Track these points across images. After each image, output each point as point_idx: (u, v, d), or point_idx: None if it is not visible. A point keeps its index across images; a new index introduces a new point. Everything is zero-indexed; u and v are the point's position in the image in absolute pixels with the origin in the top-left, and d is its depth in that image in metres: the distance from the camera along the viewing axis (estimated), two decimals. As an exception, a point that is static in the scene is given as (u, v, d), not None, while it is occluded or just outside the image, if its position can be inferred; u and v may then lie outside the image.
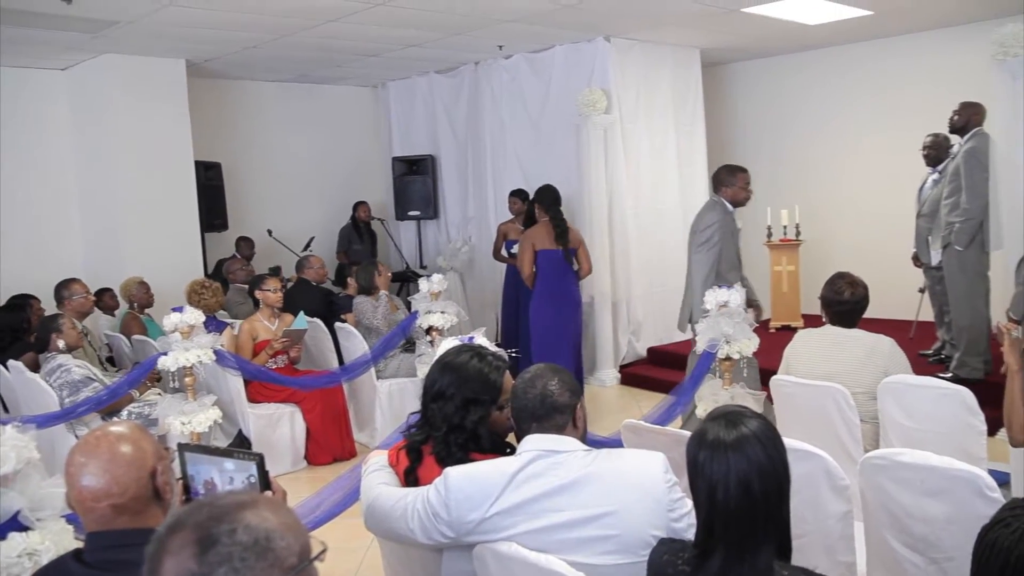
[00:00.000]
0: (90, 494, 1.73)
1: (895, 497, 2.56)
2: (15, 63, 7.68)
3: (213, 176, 8.54)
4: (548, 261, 6.49)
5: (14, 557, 2.11)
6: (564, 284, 6.52)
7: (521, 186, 8.25)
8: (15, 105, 7.83)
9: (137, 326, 6.64)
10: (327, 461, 5.90)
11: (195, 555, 1.18)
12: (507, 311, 8.04)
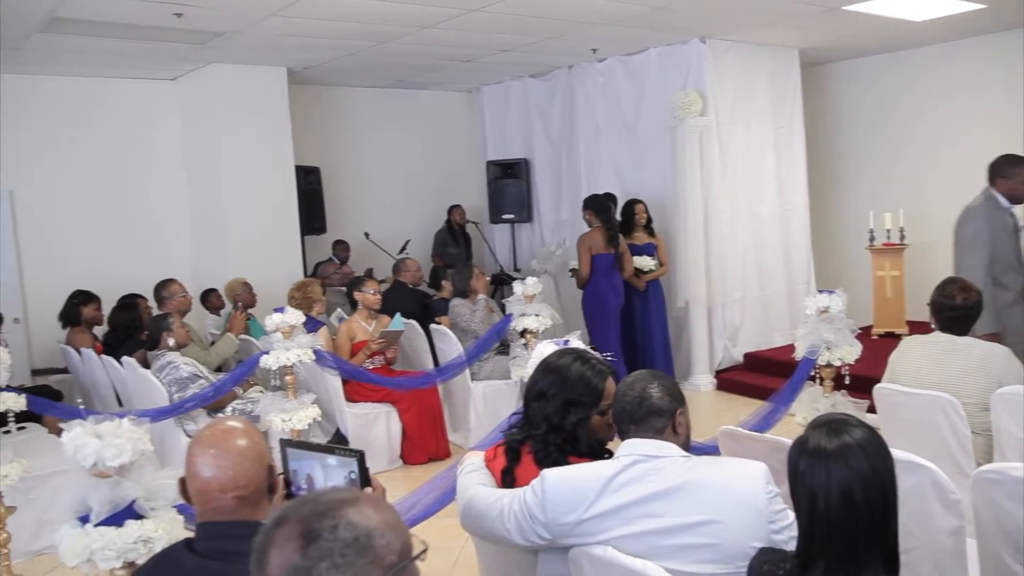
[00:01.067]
0: (217, 485, 1.79)
1: (1011, 514, 2.45)
2: (128, 74, 8.04)
3: (313, 180, 8.75)
4: (601, 264, 7.10)
5: (131, 543, 2.21)
6: (614, 285, 7.12)
7: (615, 189, 8.21)
8: (129, 114, 8.20)
9: (241, 325, 6.85)
10: (422, 461, 5.97)
11: (299, 548, 1.20)
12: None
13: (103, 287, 6.93)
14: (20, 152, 7.66)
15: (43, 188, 7.79)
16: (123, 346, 6.18)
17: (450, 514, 3.24)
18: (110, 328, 6.61)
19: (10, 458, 4.19)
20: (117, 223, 8.09)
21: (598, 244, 7.10)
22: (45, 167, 7.79)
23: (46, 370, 7.43)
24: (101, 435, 2.23)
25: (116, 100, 8.14)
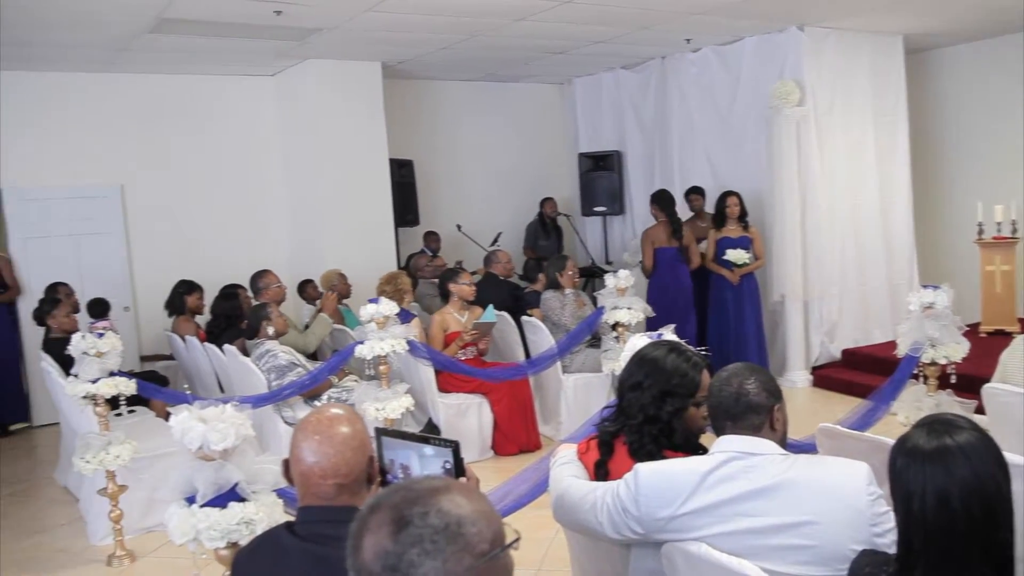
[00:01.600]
0: (319, 471, 1.83)
1: None
2: (229, 72, 8.30)
3: (406, 173, 8.88)
4: (664, 257, 7.49)
5: (233, 524, 2.29)
6: (677, 278, 7.38)
7: (709, 181, 8.09)
8: (230, 110, 8.47)
9: (336, 315, 6.99)
10: (513, 452, 6.00)
11: (391, 534, 1.22)
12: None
13: (205, 277, 7.19)
14: (130, 148, 8.01)
15: (150, 182, 8.12)
16: (224, 334, 6.39)
17: (541, 505, 3.25)
18: (212, 317, 6.84)
19: (122, 439, 4.39)
20: (219, 215, 8.38)
21: (661, 238, 7.50)
22: (152, 162, 8.12)
23: (153, 356, 7.75)
24: (206, 420, 2.31)
25: (218, 97, 8.42)
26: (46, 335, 6.38)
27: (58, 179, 7.74)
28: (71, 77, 7.72)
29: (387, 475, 2.03)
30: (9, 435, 7.54)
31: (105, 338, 4.39)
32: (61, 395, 5.08)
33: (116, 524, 4.51)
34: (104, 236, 7.98)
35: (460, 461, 1.93)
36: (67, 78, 7.71)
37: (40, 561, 4.68)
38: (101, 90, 7.88)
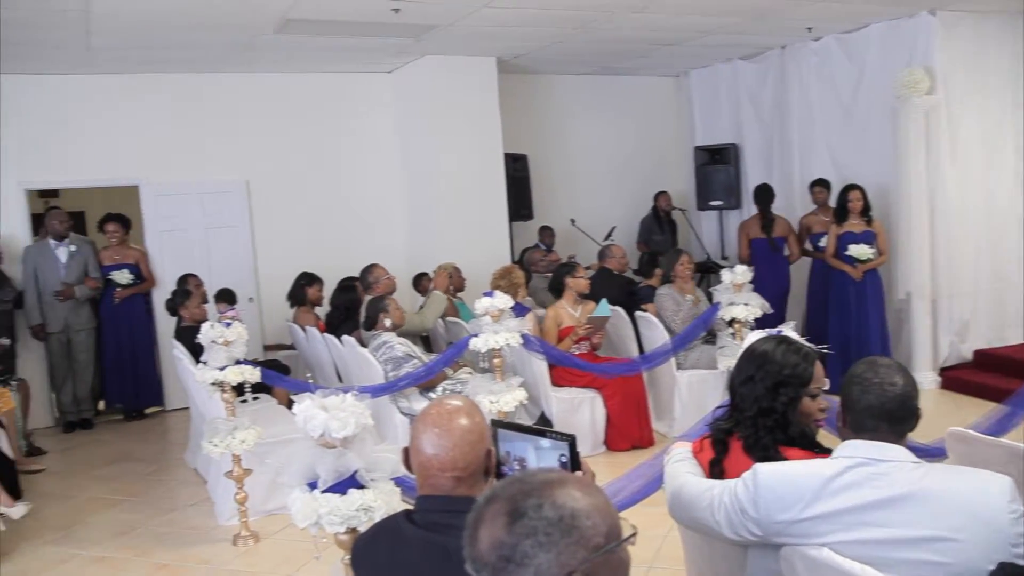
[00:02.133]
0: (437, 463, 1.87)
1: None
2: (348, 69, 8.50)
3: (520, 167, 8.92)
4: (757, 248, 7.93)
5: (353, 510, 2.35)
6: (770, 268, 7.48)
7: (831, 174, 7.83)
8: (349, 107, 8.69)
9: (450, 308, 7.09)
10: (625, 448, 5.97)
11: (506, 525, 1.24)
12: (813, 306, 7.71)
13: (325, 269, 7.39)
14: (255, 145, 8.31)
15: (274, 178, 8.41)
16: (343, 325, 6.56)
17: (654, 502, 3.22)
18: (331, 308, 7.04)
19: (247, 425, 4.57)
20: (338, 210, 8.61)
21: (754, 229, 7.98)
22: (275, 158, 8.40)
23: (275, 346, 8.03)
24: (328, 408, 2.38)
25: (337, 94, 8.64)
26: (178, 324, 6.69)
27: (189, 175, 8.11)
28: (202, 78, 8.08)
29: (503, 467, 2.05)
30: (144, 418, 7.95)
31: (232, 327, 4.58)
32: (191, 381, 5.33)
33: (241, 506, 4.70)
34: (230, 230, 8.31)
35: (576, 455, 1.93)
36: (198, 79, 8.07)
37: (173, 537, 4.92)
38: (229, 89, 8.22)
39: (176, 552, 4.70)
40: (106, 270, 7.70)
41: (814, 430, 2.53)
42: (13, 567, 4.62)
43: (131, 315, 7.83)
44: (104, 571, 4.52)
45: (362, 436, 2.42)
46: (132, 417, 7.91)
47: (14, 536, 4.92)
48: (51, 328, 7.49)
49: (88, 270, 7.59)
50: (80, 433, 7.57)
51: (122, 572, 4.49)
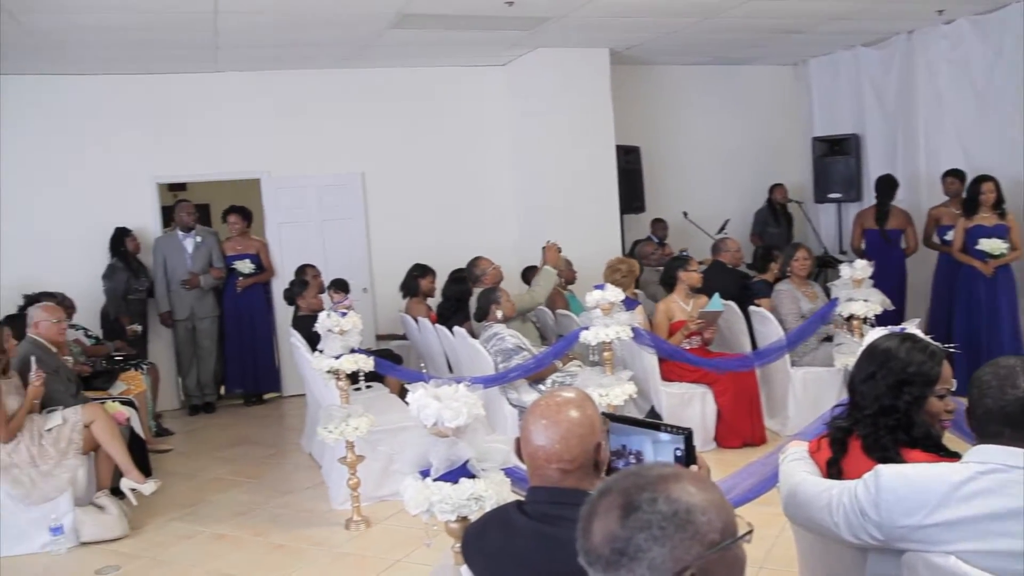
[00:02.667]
0: (544, 454, 1.87)
1: None
2: (462, 63, 8.59)
3: (632, 160, 8.85)
4: (869, 239, 7.93)
5: (464, 499, 2.38)
6: (882, 261, 6.91)
7: (961, 165, 7.47)
8: (462, 100, 8.78)
9: (561, 301, 7.09)
10: (736, 445, 5.84)
11: (619, 518, 1.23)
12: (937, 303, 7.36)
13: (437, 261, 7.49)
14: (371, 138, 8.49)
15: (388, 169, 8.58)
16: (454, 316, 6.64)
17: (766, 501, 3.15)
18: (443, 299, 7.14)
19: (360, 412, 4.68)
20: (451, 202, 8.71)
21: (868, 220, 7.97)
22: (390, 151, 8.56)
23: (388, 336, 8.19)
24: (440, 398, 2.41)
25: (451, 87, 8.74)
26: (295, 313, 6.90)
27: (307, 168, 8.35)
28: (320, 74, 8.30)
29: (619, 461, 2.03)
30: (263, 403, 8.25)
31: (347, 317, 4.69)
32: (307, 369, 5.49)
33: (354, 491, 4.82)
34: (346, 221, 8.51)
35: (692, 449, 1.90)
36: (317, 75, 8.30)
37: (288, 519, 5.09)
38: (346, 84, 8.41)
39: (291, 533, 4.85)
40: (229, 260, 8.02)
41: (939, 432, 2.42)
42: (143, 540, 4.87)
43: (251, 304, 8.13)
44: (224, 548, 4.71)
45: (474, 426, 2.45)
46: (251, 402, 8.22)
47: (144, 511, 5.18)
48: (178, 316, 7.85)
49: (212, 260, 7.92)
50: (203, 416, 7.91)
51: (241, 550, 4.66)
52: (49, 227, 7.65)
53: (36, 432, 4.90)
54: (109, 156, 7.82)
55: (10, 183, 7.55)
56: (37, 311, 5.53)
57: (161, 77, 7.87)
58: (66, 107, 7.71)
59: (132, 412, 5.74)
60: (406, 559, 4.35)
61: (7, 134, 7.53)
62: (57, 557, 4.69)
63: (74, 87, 7.70)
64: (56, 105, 7.68)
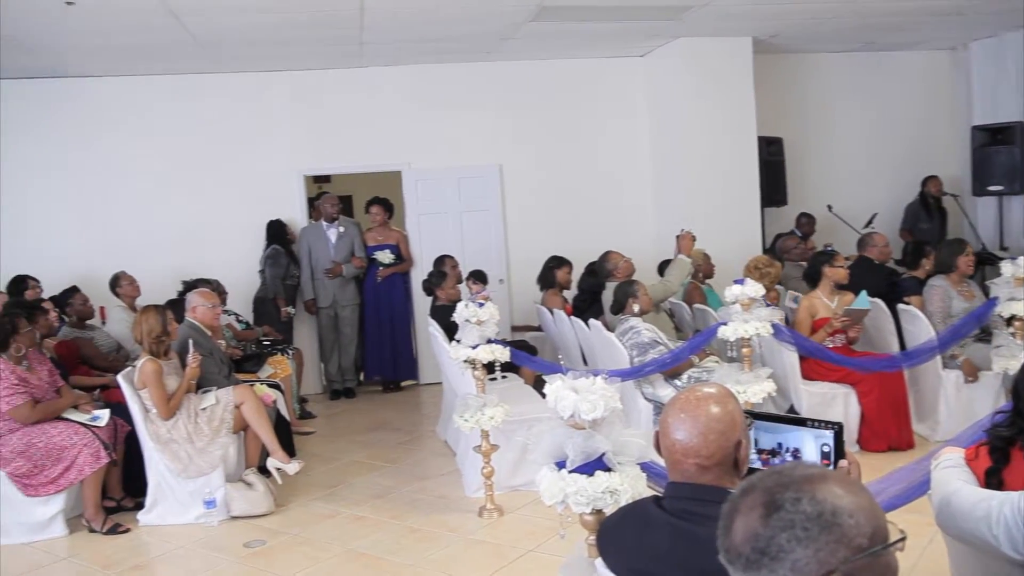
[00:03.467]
0: (681, 449, 1.85)
1: None
2: (600, 54, 8.54)
3: (775, 151, 8.60)
4: None
5: (599, 492, 2.37)
6: None
7: None
8: (600, 92, 8.74)
9: (698, 295, 6.97)
10: (881, 449, 5.59)
11: (761, 517, 1.20)
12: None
13: (573, 253, 7.49)
14: (509, 130, 8.58)
15: (526, 162, 8.64)
16: (590, 309, 6.63)
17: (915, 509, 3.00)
18: (579, 291, 7.13)
19: (496, 402, 4.73)
20: (587, 193, 8.70)
21: None
22: (528, 143, 8.62)
23: (523, 327, 8.26)
24: (578, 390, 2.41)
25: (588, 79, 8.71)
26: (433, 303, 7.05)
27: (447, 160, 8.50)
28: (459, 67, 8.44)
29: (774, 459, 1.99)
30: (400, 390, 8.47)
31: (485, 308, 4.75)
32: (445, 358, 5.60)
33: (487, 480, 4.88)
34: (484, 213, 8.63)
35: (841, 445, 1.84)
36: (456, 68, 8.43)
37: (423, 504, 5.21)
38: (484, 77, 8.52)
39: (426, 518, 4.96)
40: (370, 250, 8.26)
41: None
42: (287, 518, 5.08)
43: (391, 293, 8.35)
44: (362, 529, 4.86)
45: (611, 419, 2.43)
46: (389, 389, 8.45)
47: (289, 490, 5.42)
48: (321, 303, 8.15)
49: (354, 250, 8.17)
50: (343, 401, 8.20)
51: (378, 531, 4.80)
52: (205, 217, 8.11)
53: (192, 411, 5.19)
54: (258, 150, 8.21)
55: (172, 177, 8.05)
56: (194, 296, 5.86)
57: (307, 73, 8.19)
58: (218, 103, 8.13)
59: (278, 395, 6.01)
60: (538, 549, 4.37)
61: (167, 131, 8.02)
62: (210, 528, 4.96)
63: (227, 84, 8.12)
64: (209, 101, 8.11)
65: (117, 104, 7.97)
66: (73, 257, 7.71)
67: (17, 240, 7.71)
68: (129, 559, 4.66)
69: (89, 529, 5.00)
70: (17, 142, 7.79)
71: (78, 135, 7.93)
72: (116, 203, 8.01)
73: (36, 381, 4.99)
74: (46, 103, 7.82)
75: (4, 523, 4.90)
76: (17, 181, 7.81)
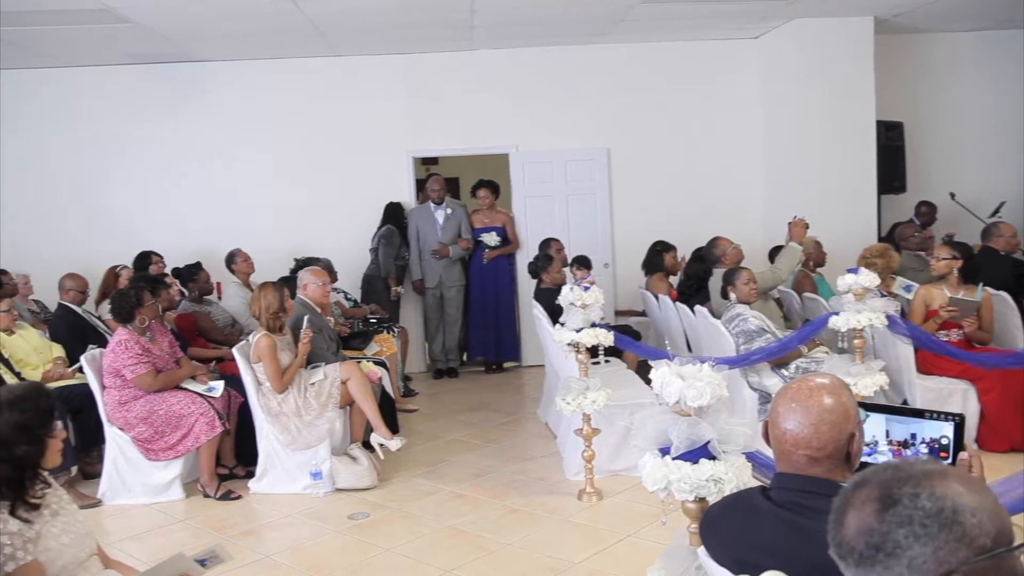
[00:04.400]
0: (791, 439, 1.80)
1: None
2: (711, 36, 8.36)
3: (894, 136, 8.28)
4: None
5: (703, 480, 2.33)
6: None
7: None
8: (711, 75, 8.57)
9: (809, 284, 6.78)
10: (1002, 449, 5.33)
11: (876, 512, 1.17)
12: None
13: (679, 238, 7.39)
14: (617, 113, 8.50)
15: (633, 145, 8.55)
16: (696, 295, 6.53)
17: (1040, 515, 2.86)
18: (684, 277, 7.02)
19: (598, 386, 4.71)
20: (696, 177, 8.56)
21: None
22: (636, 126, 8.53)
23: (627, 312, 8.21)
24: (684, 376, 2.37)
25: (699, 62, 8.56)
26: (538, 285, 7.05)
27: (554, 143, 8.48)
28: (569, 50, 8.39)
29: (905, 450, 1.92)
30: (503, 371, 8.53)
31: (590, 291, 4.73)
32: (548, 340, 5.60)
33: (588, 463, 4.87)
34: (590, 196, 8.58)
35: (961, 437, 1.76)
36: (563, 51, 8.40)
37: (523, 484, 5.23)
38: (593, 59, 8.45)
39: (525, 498, 4.99)
40: (477, 232, 8.33)
41: None
42: (389, 493, 5.19)
43: (497, 275, 8.42)
44: (463, 506, 4.92)
45: (717, 407, 2.39)
46: (492, 370, 8.53)
47: (391, 466, 5.54)
48: (428, 283, 8.28)
49: (461, 231, 8.25)
50: (446, 380, 8.31)
51: (478, 509, 4.85)
52: (316, 198, 8.34)
53: (302, 385, 5.35)
54: (369, 132, 8.37)
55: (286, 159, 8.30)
56: (305, 274, 6.02)
57: (418, 56, 8.29)
58: (330, 86, 8.32)
59: (384, 372, 6.13)
60: (636, 534, 4.35)
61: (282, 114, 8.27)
62: (316, 499, 5.11)
63: (339, 67, 8.30)
64: (321, 84, 8.32)
65: (235, 88, 8.26)
66: (193, 235, 8.03)
67: (143, 218, 8.12)
68: (240, 524, 4.85)
69: (204, 494, 5.23)
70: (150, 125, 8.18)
71: (202, 119, 8.25)
72: (234, 183, 8.31)
73: (158, 352, 5.24)
74: (174, 88, 8.17)
75: (129, 484, 5.20)
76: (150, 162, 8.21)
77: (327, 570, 4.14)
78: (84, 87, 8.09)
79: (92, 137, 8.17)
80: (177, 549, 2.86)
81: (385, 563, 4.22)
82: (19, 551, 2.25)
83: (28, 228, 8.00)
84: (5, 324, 5.63)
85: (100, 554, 2.63)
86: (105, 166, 8.20)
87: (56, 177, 8.15)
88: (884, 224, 8.24)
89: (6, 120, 8.00)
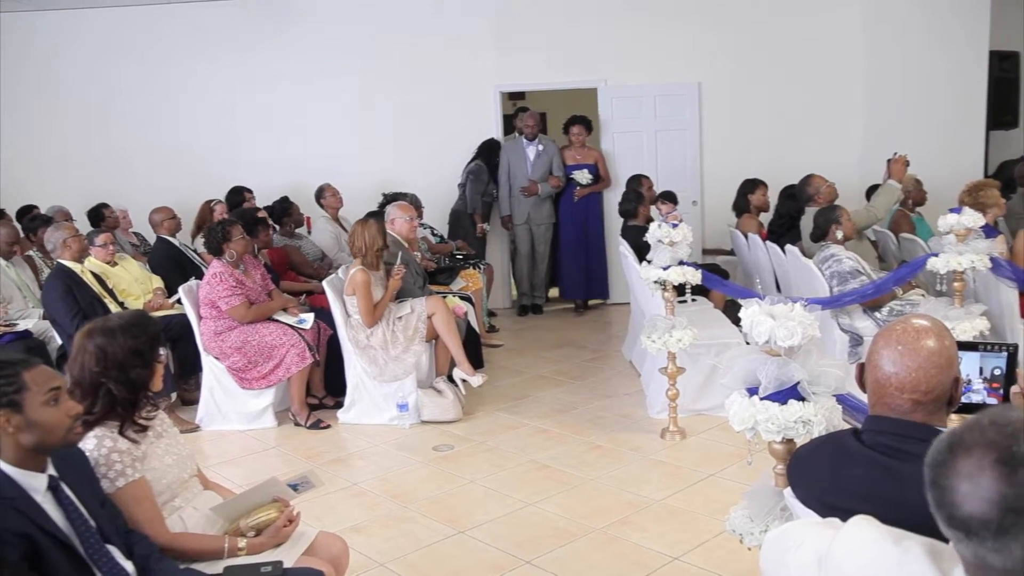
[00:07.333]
0: (896, 382, 1.74)
1: None
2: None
3: (1008, 67, 7.84)
4: None
5: (791, 421, 2.28)
6: None
7: None
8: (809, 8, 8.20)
9: (906, 224, 6.53)
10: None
11: (1003, 476, 1.08)
12: None
13: (773, 175, 7.15)
14: (708, 47, 8.23)
15: (726, 80, 8.29)
16: (787, 234, 6.35)
17: None
18: (776, 216, 6.83)
19: (684, 325, 4.66)
20: (790, 115, 8.27)
21: None
22: (729, 60, 8.25)
23: (714, 250, 8.06)
24: (775, 316, 2.31)
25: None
26: (625, 223, 6.97)
27: (644, 77, 8.29)
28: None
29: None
30: (589, 309, 8.51)
31: (678, 229, 4.65)
32: (635, 278, 5.55)
33: (672, 402, 4.85)
34: (680, 132, 8.39)
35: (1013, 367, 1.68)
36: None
37: (606, 421, 5.24)
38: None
39: (608, 435, 5.00)
40: (568, 169, 8.24)
41: None
42: (473, 426, 5.27)
43: (587, 213, 8.33)
44: (546, 441, 4.96)
45: (808, 348, 2.32)
46: (578, 307, 8.50)
47: (475, 399, 5.61)
48: (516, 220, 8.25)
49: (552, 169, 8.18)
50: (531, 317, 8.34)
51: (561, 445, 4.89)
52: (403, 133, 8.36)
53: (390, 319, 5.43)
54: (456, 66, 8.31)
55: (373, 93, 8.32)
56: (393, 209, 6.07)
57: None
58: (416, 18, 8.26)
59: (469, 307, 6.17)
60: (719, 474, 4.32)
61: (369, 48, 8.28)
62: (402, 430, 5.23)
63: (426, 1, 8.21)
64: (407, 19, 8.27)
65: (321, 21, 8.30)
66: (283, 169, 8.16)
67: (231, 154, 8.29)
68: (330, 452, 5.00)
69: (294, 423, 5.40)
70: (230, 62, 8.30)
71: (290, 54, 8.31)
72: (323, 118, 8.39)
73: (251, 284, 5.38)
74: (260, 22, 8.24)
75: (225, 411, 5.41)
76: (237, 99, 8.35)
77: (412, 499, 4.24)
78: (177, 25, 8.23)
79: (183, 73, 8.33)
80: (270, 474, 2.95)
81: (468, 494, 4.30)
82: (128, 468, 2.36)
83: (123, 165, 8.28)
84: (106, 256, 5.84)
85: (199, 476, 2.74)
86: (195, 104, 8.39)
87: (153, 115, 8.37)
88: (992, 162, 7.84)
89: (103, 59, 8.23)
